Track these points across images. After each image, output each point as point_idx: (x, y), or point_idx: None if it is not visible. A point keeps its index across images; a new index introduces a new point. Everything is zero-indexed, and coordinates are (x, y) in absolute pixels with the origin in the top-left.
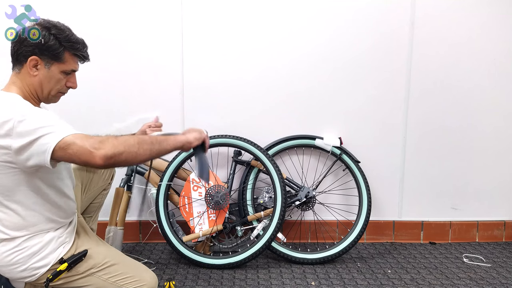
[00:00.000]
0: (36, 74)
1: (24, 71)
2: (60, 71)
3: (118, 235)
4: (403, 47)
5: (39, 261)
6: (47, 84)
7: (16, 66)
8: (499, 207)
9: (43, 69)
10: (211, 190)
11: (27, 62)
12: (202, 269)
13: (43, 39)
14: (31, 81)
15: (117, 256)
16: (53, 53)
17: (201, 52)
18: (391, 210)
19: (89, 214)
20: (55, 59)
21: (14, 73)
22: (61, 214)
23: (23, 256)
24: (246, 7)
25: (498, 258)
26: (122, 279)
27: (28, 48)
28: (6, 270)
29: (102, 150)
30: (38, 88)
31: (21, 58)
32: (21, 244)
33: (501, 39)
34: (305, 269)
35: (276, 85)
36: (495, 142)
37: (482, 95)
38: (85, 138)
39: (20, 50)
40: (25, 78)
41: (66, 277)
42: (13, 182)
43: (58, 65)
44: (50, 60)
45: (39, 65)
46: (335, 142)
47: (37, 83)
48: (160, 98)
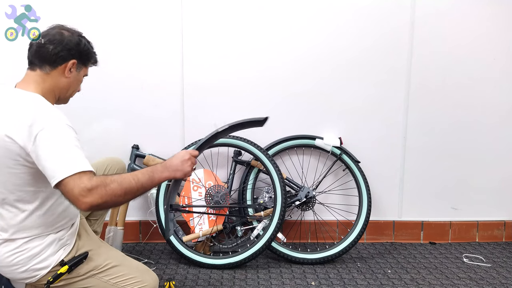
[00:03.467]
0: (69, 76)
1: (56, 72)
2: (83, 75)
3: (118, 235)
4: (403, 47)
5: (39, 263)
6: (74, 86)
7: (46, 65)
8: (499, 207)
9: (75, 72)
10: (211, 190)
11: (65, 64)
12: (202, 269)
13: (83, 46)
14: (61, 82)
15: (118, 257)
16: (87, 59)
17: (201, 52)
18: (391, 210)
19: (95, 217)
20: (85, 64)
21: (40, 73)
22: (65, 216)
23: (23, 258)
24: (246, 7)
25: (498, 258)
26: (123, 281)
27: (71, 52)
28: (7, 270)
29: (88, 199)
30: (65, 89)
31: (59, 60)
32: (22, 245)
33: (501, 39)
34: (305, 269)
35: (276, 85)
36: (495, 142)
37: (482, 95)
38: (78, 180)
39: (61, 53)
40: (54, 78)
41: (67, 278)
42: (22, 180)
43: (84, 69)
44: (82, 65)
45: (73, 68)
46: (335, 142)
47: (67, 84)
48: (160, 98)
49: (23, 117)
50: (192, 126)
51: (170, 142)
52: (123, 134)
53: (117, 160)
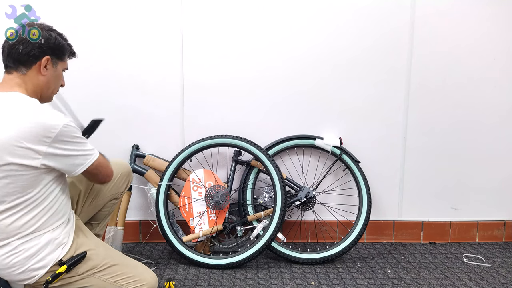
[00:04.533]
0: (45, 74)
1: (32, 72)
2: (62, 69)
3: (118, 235)
4: (403, 47)
5: (37, 263)
6: (53, 82)
7: (20, 67)
8: (499, 207)
9: (51, 69)
10: (211, 190)
11: (38, 63)
12: (202, 269)
13: (54, 40)
14: (39, 81)
15: (116, 256)
16: (61, 52)
17: (201, 52)
18: (391, 210)
19: (96, 221)
20: (60, 59)
21: (18, 75)
22: (61, 213)
23: (20, 259)
24: (246, 7)
25: (498, 258)
26: (122, 279)
27: (42, 49)
28: (4, 273)
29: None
30: (45, 87)
31: (31, 59)
32: (17, 247)
33: (501, 39)
34: (305, 269)
35: (276, 85)
36: (495, 142)
37: (482, 95)
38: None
39: (32, 51)
40: (33, 78)
41: (66, 278)
42: (29, 181)
43: (61, 64)
44: (57, 60)
45: (48, 64)
46: (335, 142)
47: (45, 82)
48: (160, 98)
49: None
50: (192, 126)
51: (170, 142)
52: (123, 134)
53: (121, 163)
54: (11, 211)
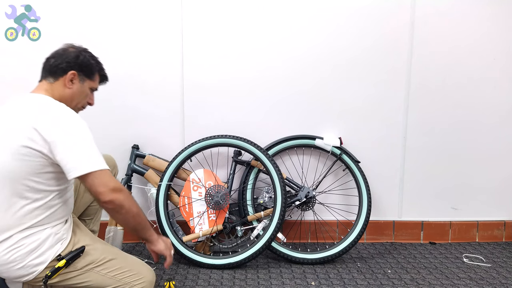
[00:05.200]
0: (71, 87)
1: (58, 83)
2: (89, 87)
3: (118, 235)
4: (403, 47)
5: (36, 258)
6: (77, 97)
7: (49, 77)
8: (499, 207)
9: (78, 84)
10: (211, 190)
11: (64, 76)
12: (202, 269)
13: (83, 58)
14: (64, 92)
15: (114, 251)
16: (89, 71)
17: (201, 52)
18: (391, 210)
19: (88, 216)
20: (88, 77)
21: (46, 83)
22: (65, 209)
23: (20, 254)
24: (246, 7)
25: (498, 258)
26: (121, 273)
27: (70, 64)
28: (3, 269)
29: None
30: (69, 99)
31: (59, 72)
32: (19, 242)
33: (501, 39)
34: (305, 269)
35: (276, 85)
36: (495, 142)
37: (482, 95)
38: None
39: (61, 64)
40: (58, 89)
41: (64, 273)
42: (35, 168)
43: (89, 82)
44: (85, 77)
45: (75, 79)
46: (335, 142)
47: (69, 94)
48: (160, 98)
49: (47, 112)
50: (192, 126)
51: (170, 142)
52: (123, 134)
53: (108, 157)
54: (17, 197)
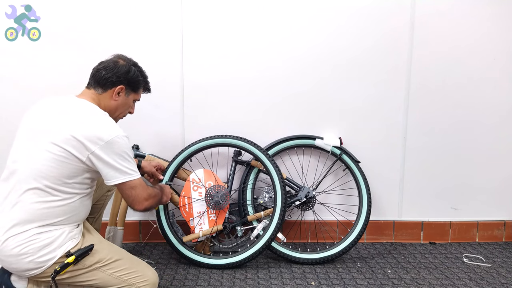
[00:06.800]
0: (117, 99)
1: (106, 94)
2: (133, 100)
3: (118, 235)
4: (403, 47)
5: (47, 254)
6: (121, 108)
7: (98, 88)
8: (499, 207)
9: (123, 97)
10: (211, 190)
11: (113, 89)
12: (202, 269)
13: (132, 74)
14: (110, 103)
15: (120, 252)
16: (136, 86)
17: (201, 52)
18: (391, 210)
19: (91, 215)
20: (134, 91)
21: (94, 92)
22: (85, 213)
23: (33, 248)
24: (246, 7)
25: (498, 258)
26: (126, 274)
27: (120, 78)
28: (13, 260)
29: (146, 203)
30: (113, 110)
31: (108, 84)
32: (33, 236)
33: (501, 39)
34: (305, 269)
35: (276, 85)
36: (495, 142)
37: (482, 95)
38: (142, 187)
39: (111, 78)
40: (105, 99)
41: (72, 270)
42: (70, 171)
43: (134, 95)
44: (130, 91)
45: (121, 93)
46: (335, 142)
47: (114, 106)
48: (160, 98)
49: (92, 122)
50: (192, 126)
51: (170, 142)
52: None
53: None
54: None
